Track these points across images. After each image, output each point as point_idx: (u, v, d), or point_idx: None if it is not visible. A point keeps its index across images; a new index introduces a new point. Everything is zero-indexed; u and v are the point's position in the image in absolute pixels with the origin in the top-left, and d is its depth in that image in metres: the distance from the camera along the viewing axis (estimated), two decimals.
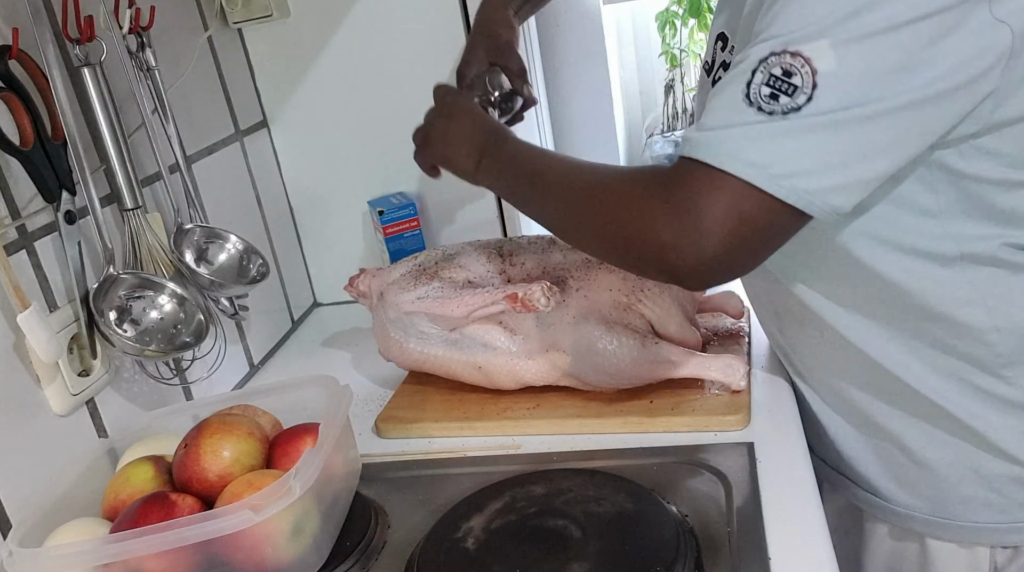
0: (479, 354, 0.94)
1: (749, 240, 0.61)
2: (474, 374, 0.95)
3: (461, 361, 0.95)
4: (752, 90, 0.59)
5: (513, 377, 0.93)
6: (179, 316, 0.91)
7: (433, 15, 1.20)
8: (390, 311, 0.98)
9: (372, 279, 1.06)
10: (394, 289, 0.98)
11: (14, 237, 0.80)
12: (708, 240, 0.60)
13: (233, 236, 1.05)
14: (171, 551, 0.66)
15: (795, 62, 0.58)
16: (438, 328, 0.94)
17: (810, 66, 0.58)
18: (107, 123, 0.87)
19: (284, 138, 1.31)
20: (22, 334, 0.76)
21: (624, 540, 0.71)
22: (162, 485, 0.76)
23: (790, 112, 0.58)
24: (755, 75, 0.59)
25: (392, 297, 0.97)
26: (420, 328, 0.95)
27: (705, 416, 0.86)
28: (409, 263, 1.04)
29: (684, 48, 2.01)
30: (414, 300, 0.95)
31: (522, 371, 0.92)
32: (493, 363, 0.93)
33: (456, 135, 0.88)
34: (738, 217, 0.59)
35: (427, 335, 0.95)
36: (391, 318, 0.98)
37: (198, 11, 1.15)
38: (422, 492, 0.85)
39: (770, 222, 0.61)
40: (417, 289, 0.96)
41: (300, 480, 0.68)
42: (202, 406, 0.90)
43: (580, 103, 1.87)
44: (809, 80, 0.58)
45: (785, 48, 0.58)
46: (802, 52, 0.58)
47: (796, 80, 0.58)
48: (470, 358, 0.94)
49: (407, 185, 1.31)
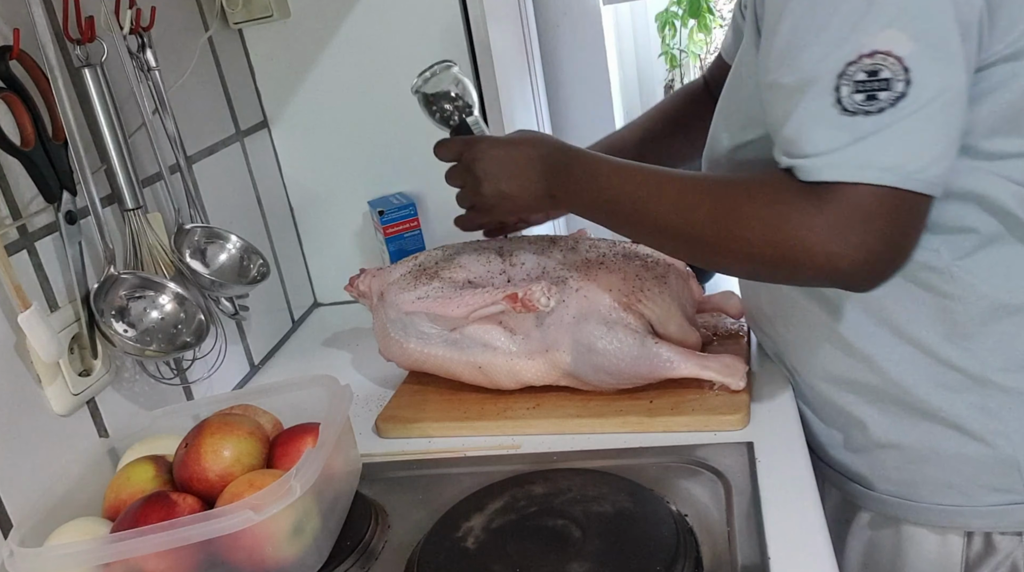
0: (479, 354, 0.94)
1: (902, 234, 0.64)
2: (474, 374, 0.95)
3: (461, 361, 0.95)
4: (846, 103, 0.61)
5: (513, 377, 0.93)
6: (180, 316, 0.91)
7: (433, 15, 1.20)
8: (390, 311, 0.98)
9: (372, 279, 1.06)
10: (394, 289, 0.98)
11: (15, 237, 0.80)
12: (869, 244, 0.62)
13: (233, 236, 1.05)
14: (172, 551, 0.66)
15: (875, 60, 0.60)
16: (438, 328, 0.94)
17: (892, 55, 0.59)
18: (108, 123, 0.87)
19: (284, 138, 1.31)
20: (23, 334, 0.77)
21: (624, 540, 0.71)
22: (163, 485, 0.76)
23: (897, 100, 0.60)
24: (840, 90, 0.61)
25: (392, 297, 0.98)
26: (420, 328, 0.95)
27: (705, 416, 0.87)
28: (409, 263, 1.04)
29: (684, 48, 2.02)
30: (414, 300, 0.95)
31: (522, 371, 0.93)
32: (493, 363, 0.93)
33: (508, 171, 0.85)
34: (889, 217, 0.62)
35: (427, 335, 0.96)
36: (391, 318, 0.98)
37: (199, 12, 1.15)
38: (422, 492, 0.85)
39: (916, 212, 0.63)
40: (417, 289, 0.96)
41: (300, 480, 0.68)
42: (203, 406, 0.90)
43: (580, 103, 1.87)
44: (898, 66, 0.60)
45: (860, 53, 0.60)
46: (878, 48, 0.60)
47: (885, 74, 0.60)
48: (470, 358, 0.94)
49: (407, 185, 1.31)
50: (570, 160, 0.82)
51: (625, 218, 0.78)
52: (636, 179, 0.76)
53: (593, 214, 0.81)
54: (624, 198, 0.76)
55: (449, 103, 0.88)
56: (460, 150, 0.87)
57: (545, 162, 0.83)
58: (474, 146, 0.86)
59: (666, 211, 0.73)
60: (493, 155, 0.85)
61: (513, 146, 0.85)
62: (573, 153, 0.83)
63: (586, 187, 0.79)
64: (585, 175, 0.80)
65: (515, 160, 0.84)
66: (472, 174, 0.86)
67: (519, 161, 0.84)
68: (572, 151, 0.83)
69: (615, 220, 0.79)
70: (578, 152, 0.83)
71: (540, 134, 0.88)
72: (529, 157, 0.83)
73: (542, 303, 0.85)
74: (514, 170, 0.84)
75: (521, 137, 0.87)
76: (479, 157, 0.85)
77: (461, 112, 0.87)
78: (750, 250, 0.67)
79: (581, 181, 0.80)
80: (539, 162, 0.83)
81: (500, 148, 0.85)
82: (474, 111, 0.88)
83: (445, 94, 0.88)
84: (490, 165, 0.85)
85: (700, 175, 0.76)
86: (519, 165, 0.84)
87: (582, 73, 1.84)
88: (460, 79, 0.88)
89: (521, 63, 1.48)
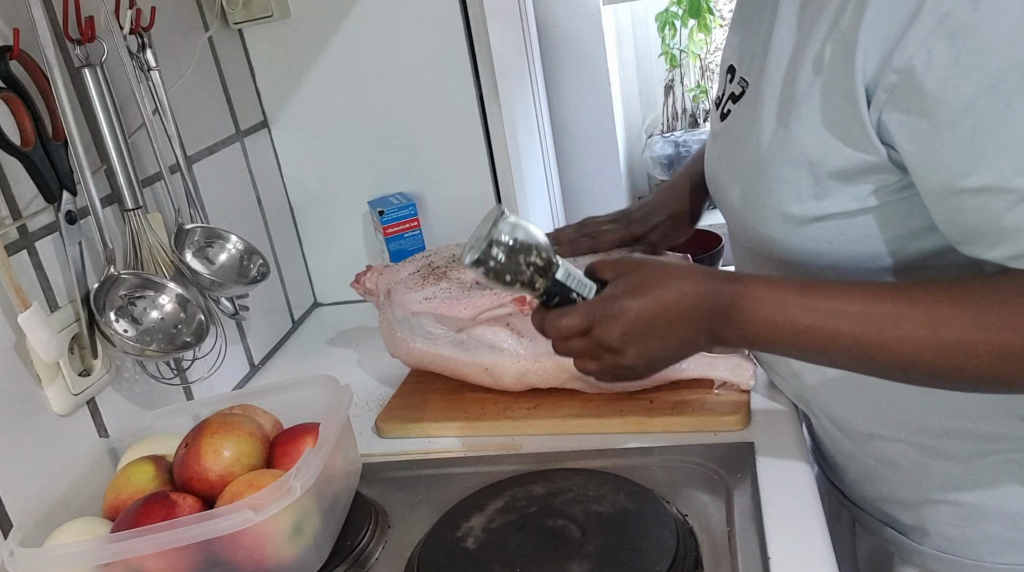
0: (486, 356, 0.93)
1: None
2: (480, 375, 0.95)
3: (467, 362, 0.94)
4: None
5: (520, 379, 0.93)
6: (180, 316, 0.91)
7: (433, 15, 1.20)
8: (397, 310, 0.98)
9: (379, 277, 1.05)
10: (401, 288, 0.98)
11: (15, 237, 0.80)
12: None
13: (233, 236, 1.05)
14: (172, 551, 0.66)
15: None
16: (445, 328, 0.94)
17: None
18: (108, 123, 0.87)
19: (284, 138, 1.31)
20: (23, 334, 0.77)
21: (624, 540, 0.71)
22: (163, 485, 0.76)
23: None
24: None
25: (399, 296, 0.97)
26: (427, 328, 0.95)
27: (705, 416, 0.87)
28: (418, 262, 1.03)
29: (684, 48, 2.02)
30: (421, 300, 0.94)
31: (529, 373, 0.92)
32: (500, 365, 0.93)
33: (657, 333, 0.65)
34: None
35: (434, 335, 0.95)
36: (398, 317, 0.98)
37: (199, 12, 1.15)
38: (422, 492, 0.85)
39: None
40: (425, 289, 0.96)
41: (300, 480, 0.68)
42: (203, 406, 0.90)
43: (580, 103, 1.87)
44: None
45: None
46: None
47: None
48: (477, 359, 0.94)
49: (407, 185, 1.31)
50: (737, 295, 0.64)
51: (836, 350, 0.62)
52: (844, 300, 0.61)
53: (779, 349, 0.66)
54: (831, 327, 0.61)
55: (524, 261, 0.63)
56: (582, 322, 0.65)
57: (703, 307, 0.64)
58: (600, 313, 0.65)
59: (911, 330, 0.59)
60: (632, 320, 0.64)
61: (654, 301, 0.64)
62: (739, 283, 0.65)
63: (769, 323, 0.63)
64: (764, 307, 0.63)
65: (663, 318, 0.64)
66: (608, 349, 0.65)
67: (668, 317, 0.64)
68: (735, 280, 0.65)
69: (816, 354, 0.64)
70: (744, 281, 0.65)
71: (675, 266, 0.67)
72: (680, 308, 0.64)
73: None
74: (665, 330, 0.65)
75: (655, 279, 0.65)
76: (612, 327, 0.64)
77: (545, 268, 0.64)
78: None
79: (759, 318, 0.63)
80: (694, 310, 0.64)
81: (637, 306, 0.64)
82: (557, 259, 0.65)
83: (514, 251, 0.63)
84: (631, 333, 0.64)
85: (934, 285, 0.62)
86: (669, 322, 0.64)
87: (582, 73, 1.84)
88: (519, 224, 0.64)
89: (521, 63, 1.48)
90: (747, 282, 0.65)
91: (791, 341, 0.63)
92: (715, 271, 0.67)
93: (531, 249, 0.63)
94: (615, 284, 0.66)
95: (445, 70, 1.22)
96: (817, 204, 0.66)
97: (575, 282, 0.66)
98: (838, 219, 0.66)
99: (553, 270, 0.65)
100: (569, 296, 0.66)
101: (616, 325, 0.64)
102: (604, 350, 0.66)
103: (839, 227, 0.66)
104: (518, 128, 1.35)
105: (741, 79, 0.75)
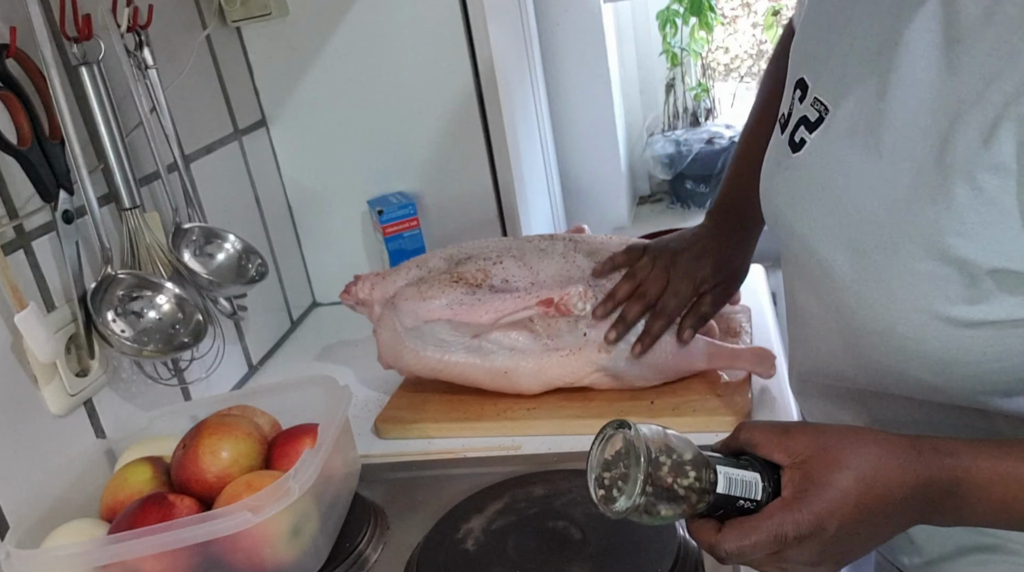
0: (506, 359, 0.92)
1: None
2: (497, 380, 0.93)
3: (483, 367, 0.93)
4: None
5: (539, 378, 0.92)
6: (177, 316, 0.91)
7: (433, 13, 1.20)
8: (406, 319, 0.94)
9: (373, 287, 1.00)
10: (409, 296, 0.94)
11: (12, 237, 0.79)
12: None
13: (232, 236, 1.05)
14: (169, 552, 0.66)
15: None
16: (458, 335, 0.92)
17: None
18: (105, 122, 0.87)
19: (283, 137, 1.31)
20: (20, 334, 0.76)
21: (625, 542, 0.70)
22: (160, 486, 0.76)
23: None
24: None
25: (409, 305, 0.94)
26: (440, 335, 0.93)
27: (705, 416, 0.86)
28: (413, 269, 1.00)
29: (685, 47, 2.01)
30: (436, 307, 0.92)
31: (550, 369, 0.91)
32: (521, 366, 0.92)
33: (866, 536, 0.53)
34: None
35: (446, 342, 0.93)
36: (408, 326, 0.94)
37: (196, 9, 1.14)
38: (422, 493, 0.85)
39: None
40: (439, 297, 0.93)
41: (299, 481, 0.68)
42: (200, 406, 0.89)
43: (580, 102, 1.86)
44: None
45: None
46: None
47: None
48: (494, 364, 0.92)
49: (407, 185, 1.30)
50: (958, 482, 0.52)
51: None
52: None
53: (1006, 528, 0.55)
54: None
55: (680, 488, 0.52)
56: (769, 547, 0.52)
57: (919, 499, 0.52)
58: (793, 535, 0.51)
59: None
60: (832, 539, 0.52)
61: (856, 508, 0.51)
62: (953, 458, 0.53)
63: (1000, 505, 0.52)
64: (996, 489, 0.52)
65: (867, 524, 0.52)
66: (803, 564, 0.53)
67: (874, 524, 0.52)
68: (947, 454, 0.53)
69: None
70: (958, 454, 0.53)
71: (867, 441, 0.53)
72: (888, 511, 0.52)
73: (578, 307, 0.85)
74: (868, 538, 0.53)
75: (850, 471, 0.52)
76: (808, 547, 0.52)
77: (705, 489, 0.53)
78: None
79: (991, 502, 0.53)
80: (905, 508, 0.53)
81: (836, 522, 0.51)
82: (715, 470, 0.53)
83: (669, 486, 0.52)
84: (831, 551, 0.52)
85: None
86: (874, 529, 0.53)
87: (582, 72, 1.84)
88: (663, 444, 0.53)
89: (521, 63, 1.48)
90: (962, 455, 0.52)
91: (1008, 516, 0.53)
92: (915, 442, 0.53)
93: (686, 471, 0.52)
94: (796, 482, 0.52)
95: (445, 69, 1.22)
96: (970, 309, 0.55)
97: (739, 487, 0.54)
98: (1001, 328, 0.55)
99: (714, 486, 0.53)
100: (735, 504, 0.54)
101: (814, 545, 0.51)
102: (796, 564, 0.54)
103: (1000, 337, 0.56)
104: (518, 127, 1.35)
105: (817, 101, 0.62)
